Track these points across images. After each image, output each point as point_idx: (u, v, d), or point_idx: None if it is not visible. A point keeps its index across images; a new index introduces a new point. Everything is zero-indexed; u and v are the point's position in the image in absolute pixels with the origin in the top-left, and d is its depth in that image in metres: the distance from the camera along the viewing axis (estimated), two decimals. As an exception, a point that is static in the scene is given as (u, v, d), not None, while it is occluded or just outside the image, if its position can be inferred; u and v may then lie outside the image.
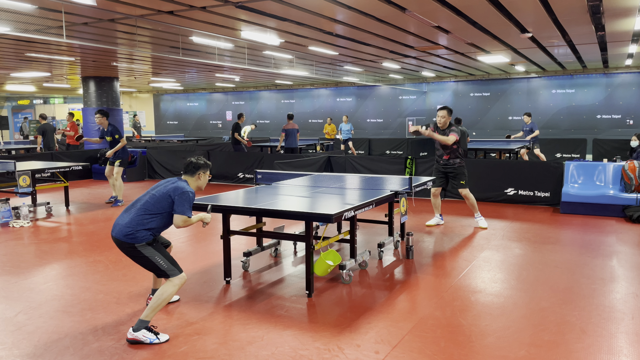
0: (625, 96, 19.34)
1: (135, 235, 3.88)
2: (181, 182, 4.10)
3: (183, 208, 3.97)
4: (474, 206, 7.55)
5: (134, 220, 3.92)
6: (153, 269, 3.96)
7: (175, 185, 4.03)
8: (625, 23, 10.30)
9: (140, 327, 3.80)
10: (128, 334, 3.81)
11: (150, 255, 3.91)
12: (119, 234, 3.92)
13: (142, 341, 3.77)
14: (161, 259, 3.94)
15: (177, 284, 3.91)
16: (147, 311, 3.84)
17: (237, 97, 28.27)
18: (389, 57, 15.11)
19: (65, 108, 32.09)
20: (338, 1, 8.15)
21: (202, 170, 4.25)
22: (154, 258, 3.91)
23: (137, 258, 3.95)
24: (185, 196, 3.99)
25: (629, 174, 8.43)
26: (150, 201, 3.98)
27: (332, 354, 3.57)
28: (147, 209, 3.96)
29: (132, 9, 8.55)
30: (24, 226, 7.97)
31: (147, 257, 3.91)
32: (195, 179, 4.22)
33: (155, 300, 3.85)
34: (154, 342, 3.78)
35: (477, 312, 4.32)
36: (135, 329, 3.80)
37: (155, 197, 3.99)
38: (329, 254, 5.07)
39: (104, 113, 9.58)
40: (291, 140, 14.27)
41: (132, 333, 3.79)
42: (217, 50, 13.08)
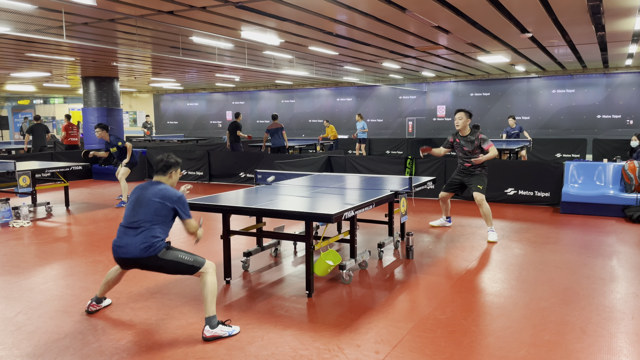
0: (625, 96, 19.34)
1: (154, 245, 3.92)
2: (162, 186, 4.11)
3: (188, 212, 4.10)
4: (488, 217, 6.82)
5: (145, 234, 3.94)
6: (183, 269, 3.98)
7: (164, 193, 4.04)
8: (625, 23, 10.30)
9: (215, 324, 3.87)
10: (206, 332, 3.84)
11: (174, 257, 3.96)
12: (136, 253, 3.92)
13: (221, 336, 3.86)
14: (184, 254, 4.00)
15: (211, 272, 3.97)
16: (207, 307, 3.88)
17: (237, 97, 28.26)
18: (389, 57, 15.11)
19: (65, 108, 32.09)
20: (338, 1, 8.15)
21: (174, 168, 4.27)
22: (178, 258, 3.96)
23: (164, 267, 3.98)
24: (183, 200, 4.10)
25: (629, 174, 8.43)
26: (150, 212, 3.99)
27: (332, 354, 3.57)
28: (150, 221, 3.97)
29: (132, 9, 8.55)
30: (24, 226, 7.97)
31: (173, 260, 3.95)
32: (167, 177, 4.23)
33: (206, 295, 3.90)
34: (233, 334, 3.91)
35: (477, 312, 4.32)
36: (212, 326, 3.85)
37: (151, 208, 3.99)
38: (329, 254, 5.07)
39: (103, 127, 9.62)
40: (277, 140, 14.27)
41: (210, 331, 3.84)
42: (217, 50, 13.08)
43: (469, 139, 6.90)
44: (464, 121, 6.90)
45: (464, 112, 6.92)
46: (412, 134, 23.45)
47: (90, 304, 4.42)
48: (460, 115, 6.91)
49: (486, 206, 6.82)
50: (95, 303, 4.43)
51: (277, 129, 14.31)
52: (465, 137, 6.94)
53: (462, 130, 6.96)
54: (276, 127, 14.30)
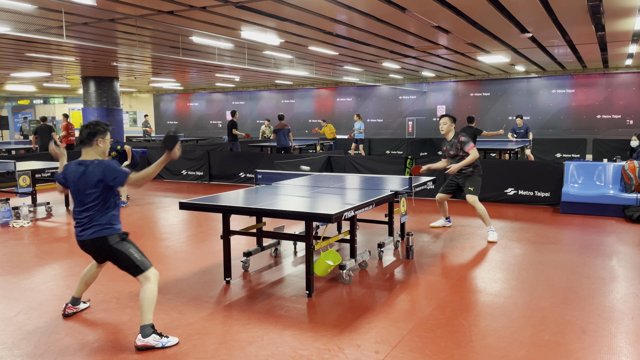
0: (625, 96, 19.34)
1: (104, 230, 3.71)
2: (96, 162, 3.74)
3: (122, 173, 3.71)
4: (483, 217, 6.85)
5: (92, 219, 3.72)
6: (130, 266, 3.76)
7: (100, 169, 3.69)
8: (625, 23, 10.30)
9: (148, 333, 3.65)
10: (137, 341, 3.64)
11: (125, 249, 3.76)
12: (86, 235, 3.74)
13: (153, 346, 3.64)
14: (136, 252, 3.79)
15: (154, 280, 3.77)
16: (144, 315, 3.69)
17: (237, 97, 28.27)
18: (389, 57, 15.11)
19: (65, 108, 32.10)
20: (338, 1, 8.15)
21: (99, 135, 3.83)
22: (128, 252, 3.76)
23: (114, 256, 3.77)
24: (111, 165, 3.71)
25: (629, 174, 8.43)
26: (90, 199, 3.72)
27: (332, 354, 3.57)
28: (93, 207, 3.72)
29: (132, 9, 8.55)
30: (24, 226, 7.97)
31: (123, 252, 3.75)
32: (93, 148, 3.83)
33: (144, 302, 3.68)
34: (167, 345, 3.68)
35: (477, 312, 4.32)
36: (145, 335, 3.64)
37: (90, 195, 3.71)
38: (329, 254, 5.07)
39: None
40: (283, 140, 14.42)
41: (142, 339, 3.64)
42: (217, 50, 13.09)
43: (452, 142, 6.97)
44: (448, 126, 6.96)
45: (448, 117, 7.01)
46: (412, 134, 23.45)
47: (66, 306, 4.28)
48: (444, 120, 6.99)
49: (480, 207, 6.84)
50: (71, 305, 4.29)
51: (285, 129, 14.42)
52: (450, 141, 7.02)
53: (447, 134, 7.03)
54: (284, 128, 14.42)
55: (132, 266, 3.77)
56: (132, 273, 3.79)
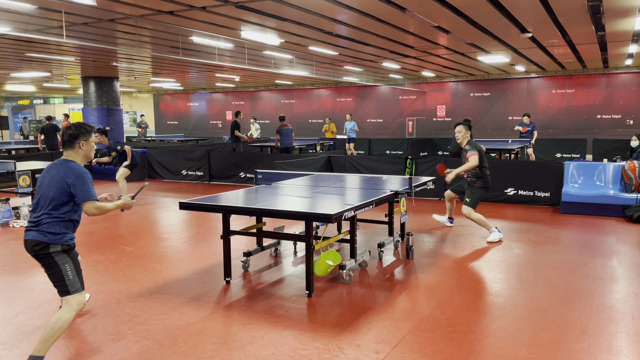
0: (625, 96, 19.34)
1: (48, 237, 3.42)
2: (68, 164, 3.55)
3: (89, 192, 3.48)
4: (482, 224, 6.80)
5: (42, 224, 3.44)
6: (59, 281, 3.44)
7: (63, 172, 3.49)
8: (625, 23, 10.30)
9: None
10: None
11: (62, 262, 3.45)
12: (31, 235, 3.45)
13: None
14: (72, 270, 3.48)
15: (75, 311, 3.44)
16: (41, 345, 3.32)
17: (237, 97, 28.27)
18: (389, 57, 15.11)
19: (65, 108, 32.09)
20: (338, 1, 8.15)
21: (82, 138, 3.63)
22: (64, 267, 3.45)
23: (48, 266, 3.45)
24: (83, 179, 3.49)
25: (629, 174, 8.43)
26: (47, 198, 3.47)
27: (332, 354, 3.57)
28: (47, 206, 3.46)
29: (132, 9, 8.55)
30: (24, 226, 7.97)
31: (59, 265, 3.43)
32: (75, 150, 3.64)
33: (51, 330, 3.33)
34: None
35: (477, 312, 4.32)
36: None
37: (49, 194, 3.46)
38: (329, 254, 5.07)
39: (102, 131, 9.65)
40: (286, 140, 14.51)
41: None
42: (217, 50, 13.09)
43: (465, 149, 6.90)
44: (463, 134, 6.88)
45: (462, 125, 6.92)
46: (412, 134, 23.45)
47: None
48: (459, 129, 6.92)
49: (475, 217, 6.76)
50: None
51: (288, 129, 14.53)
52: (464, 149, 6.93)
53: (463, 142, 6.94)
54: (286, 128, 14.50)
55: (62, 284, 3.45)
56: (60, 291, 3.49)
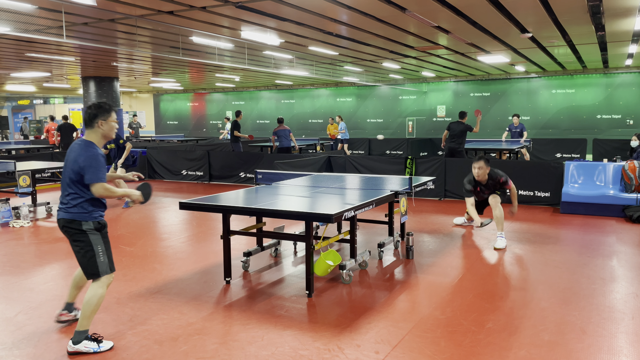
0: (625, 96, 19.35)
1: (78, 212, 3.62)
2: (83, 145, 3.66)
3: (96, 174, 3.59)
4: (499, 221, 6.61)
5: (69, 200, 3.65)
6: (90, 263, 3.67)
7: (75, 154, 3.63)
8: (625, 23, 10.30)
9: (80, 339, 3.58)
10: (68, 347, 3.58)
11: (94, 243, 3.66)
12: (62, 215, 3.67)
13: (83, 352, 3.56)
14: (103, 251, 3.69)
15: (105, 286, 3.70)
16: (82, 320, 3.61)
17: (237, 97, 28.27)
18: (389, 57, 15.11)
19: (65, 108, 32.10)
20: (338, 1, 8.15)
21: (100, 117, 3.72)
22: (96, 247, 3.66)
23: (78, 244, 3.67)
24: (94, 159, 3.60)
25: (629, 174, 8.43)
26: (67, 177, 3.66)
27: (332, 354, 3.57)
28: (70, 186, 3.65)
29: (132, 9, 8.55)
30: (24, 226, 7.97)
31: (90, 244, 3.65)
32: (94, 130, 3.74)
33: (87, 307, 3.61)
34: (98, 351, 3.59)
35: (477, 312, 4.32)
36: (75, 341, 3.57)
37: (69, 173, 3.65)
38: (329, 254, 5.07)
39: None
40: (284, 141, 14.41)
41: (72, 346, 3.56)
42: (217, 50, 13.09)
43: (490, 184, 6.72)
44: (484, 171, 6.60)
45: (484, 161, 6.60)
46: (412, 134, 23.45)
47: (60, 313, 4.13)
48: (480, 165, 6.57)
49: (500, 211, 6.61)
50: (66, 312, 4.12)
51: (285, 130, 14.40)
52: (486, 184, 6.73)
53: (482, 178, 6.68)
54: (283, 129, 14.40)
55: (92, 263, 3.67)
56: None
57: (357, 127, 24.35)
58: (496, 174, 6.69)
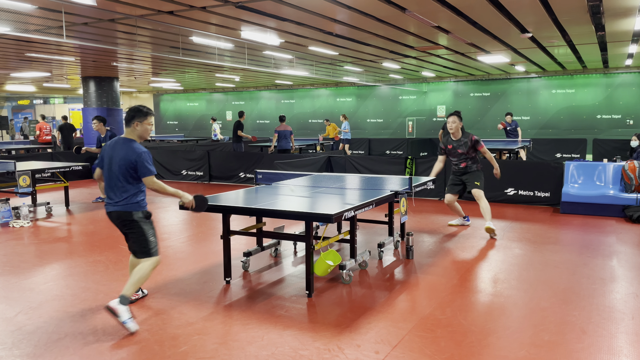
0: (625, 96, 19.34)
1: (129, 204, 4.10)
2: (127, 143, 4.14)
3: (144, 169, 4.07)
4: (486, 212, 6.94)
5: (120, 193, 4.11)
6: (142, 246, 4.16)
7: (124, 154, 4.08)
8: (625, 23, 10.30)
9: (125, 302, 3.97)
10: (110, 303, 3.94)
11: (145, 229, 4.16)
12: (115, 208, 4.12)
13: (118, 315, 3.90)
14: (153, 235, 4.20)
15: (154, 263, 4.19)
16: (129, 286, 4.06)
17: (237, 97, 28.27)
18: (389, 57, 15.11)
19: (65, 108, 32.10)
20: (338, 1, 8.15)
21: (137, 119, 4.21)
22: (147, 232, 4.16)
23: (132, 231, 4.14)
24: (147, 155, 4.12)
25: (629, 174, 8.43)
26: (120, 174, 4.09)
27: (332, 354, 3.57)
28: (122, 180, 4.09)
29: (132, 9, 8.55)
30: (24, 226, 7.97)
31: (142, 230, 4.14)
32: (131, 129, 4.22)
33: (136, 276, 4.08)
34: (124, 323, 3.91)
35: (477, 312, 4.32)
36: (121, 301, 3.95)
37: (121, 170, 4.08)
38: (329, 254, 5.07)
39: (100, 119, 9.57)
40: (284, 142, 14.04)
41: (116, 304, 3.92)
42: (217, 50, 13.09)
43: (462, 141, 7.07)
44: (457, 124, 7.01)
45: (456, 116, 7.04)
46: (412, 134, 23.45)
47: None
48: (453, 119, 7.02)
49: (485, 202, 7.01)
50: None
51: (286, 131, 14.05)
52: (459, 140, 7.10)
53: (456, 133, 7.08)
54: (285, 130, 14.05)
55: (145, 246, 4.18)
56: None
57: (357, 127, 24.34)
58: (468, 132, 7.09)
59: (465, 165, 7.16)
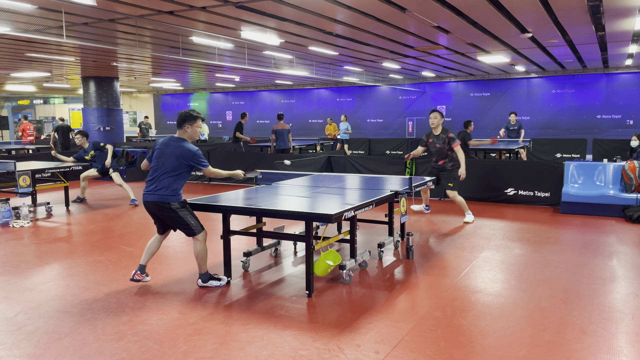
0: (625, 96, 19.34)
1: (170, 195, 4.66)
2: (179, 143, 4.72)
3: (202, 164, 4.73)
4: (463, 206, 7.88)
5: (162, 183, 4.67)
6: (185, 228, 4.74)
7: (180, 152, 4.67)
8: (625, 23, 10.30)
9: (207, 278, 4.85)
10: (198, 283, 4.88)
11: (184, 215, 4.70)
12: (154, 198, 4.68)
13: (211, 286, 4.85)
14: (192, 218, 4.75)
15: (202, 240, 4.79)
16: (200, 266, 4.84)
17: (237, 97, 28.27)
18: (389, 57, 15.11)
19: (65, 108, 32.09)
20: (338, 1, 8.15)
21: (188, 123, 4.76)
22: (186, 217, 4.71)
23: (172, 218, 4.72)
24: (198, 154, 4.71)
25: (629, 174, 8.43)
26: (168, 167, 4.67)
27: (332, 354, 3.57)
28: (166, 173, 4.68)
29: (132, 9, 8.55)
30: (24, 226, 7.97)
31: (181, 217, 4.69)
32: (182, 131, 4.78)
33: (198, 256, 4.82)
34: (221, 285, 4.87)
35: (477, 312, 4.32)
36: (204, 280, 4.85)
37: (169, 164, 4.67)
38: (329, 254, 5.07)
39: (83, 134, 9.78)
40: (282, 142, 13.80)
41: (202, 283, 4.85)
42: (217, 50, 13.09)
43: (441, 137, 7.68)
44: (438, 120, 7.67)
45: (438, 112, 7.73)
46: (412, 134, 23.45)
47: (135, 272, 5.02)
48: (435, 115, 7.70)
49: (459, 199, 7.77)
50: (139, 272, 5.03)
51: (284, 130, 13.84)
52: (438, 135, 7.73)
53: (436, 129, 7.73)
54: (283, 129, 13.83)
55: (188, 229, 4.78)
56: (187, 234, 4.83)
57: (357, 127, 24.34)
58: (448, 130, 7.71)
59: (442, 162, 7.77)
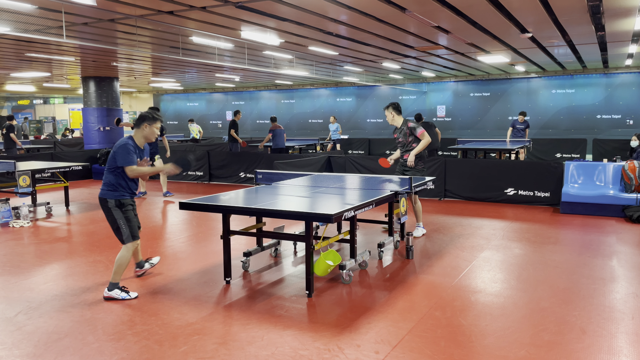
0: (625, 96, 19.33)
1: (106, 191, 4.66)
2: (122, 139, 4.73)
3: (124, 159, 4.60)
4: (418, 214, 7.23)
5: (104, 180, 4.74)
6: (116, 231, 4.72)
7: (115, 147, 4.68)
8: (625, 23, 10.29)
9: (113, 288, 4.65)
10: (104, 293, 4.66)
11: (117, 216, 4.67)
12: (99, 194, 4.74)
13: (115, 298, 4.61)
14: (124, 222, 4.68)
15: (129, 249, 4.71)
16: (113, 275, 4.67)
17: (237, 97, 28.26)
18: (389, 57, 15.10)
19: (65, 108, 32.09)
20: (338, 1, 8.15)
21: (147, 122, 4.78)
22: (119, 218, 4.67)
23: (108, 217, 4.71)
24: (122, 149, 4.61)
25: (629, 174, 8.43)
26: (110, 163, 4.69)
27: (332, 354, 3.57)
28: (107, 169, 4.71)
29: (132, 9, 8.54)
30: (24, 226, 7.97)
31: (114, 217, 4.67)
32: (140, 130, 4.80)
33: (116, 264, 4.66)
34: (126, 299, 4.62)
35: (477, 312, 4.32)
36: (110, 289, 4.65)
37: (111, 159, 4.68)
38: (329, 254, 5.07)
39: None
40: (279, 141, 14.48)
41: (107, 292, 4.64)
42: (217, 50, 13.08)
43: (401, 130, 7.10)
44: (390, 118, 7.08)
45: (391, 108, 7.04)
46: (412, 134, 23.42)
47: (135, 270, 5.35)
48: (387, 112, 7.09)
49: (418, 205, 7.21)
50: (138, 269, 5.34)
51: (280, 130, 14.45)
52: (399, 128, 7.14)
53: (396, 122, 7.13)
54: (278, 129, 14.44)
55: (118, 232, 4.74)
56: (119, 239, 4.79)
57: (357, 127, 24.34)
58: (407, 120, 7.09)
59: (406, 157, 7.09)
